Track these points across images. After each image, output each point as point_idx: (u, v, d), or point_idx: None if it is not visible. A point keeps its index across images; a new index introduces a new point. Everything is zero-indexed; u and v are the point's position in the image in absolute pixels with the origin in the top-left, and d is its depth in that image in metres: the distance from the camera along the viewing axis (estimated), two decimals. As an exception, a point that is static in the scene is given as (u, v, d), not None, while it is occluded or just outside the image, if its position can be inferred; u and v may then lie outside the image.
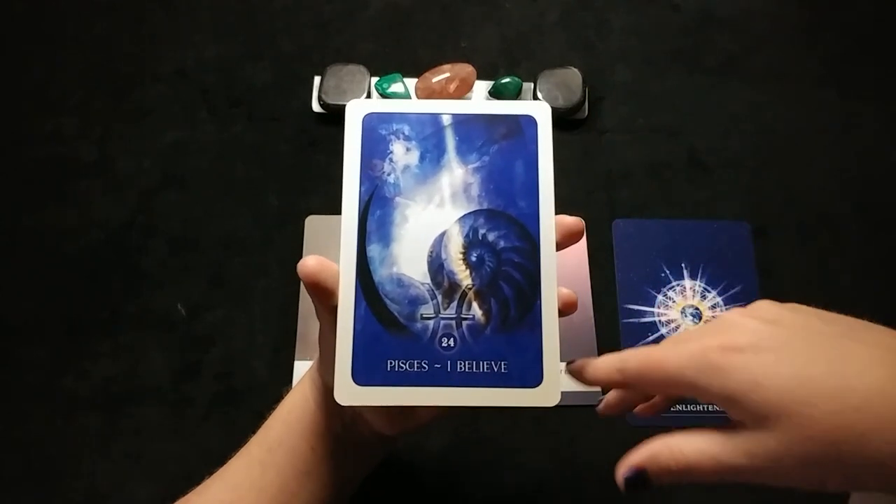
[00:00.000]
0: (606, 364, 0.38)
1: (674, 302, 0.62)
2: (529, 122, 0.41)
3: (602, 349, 0.60)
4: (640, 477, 0.36)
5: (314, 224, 0.64)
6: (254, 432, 0.46)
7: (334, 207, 0.65)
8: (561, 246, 0.40)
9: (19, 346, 0.60)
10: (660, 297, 0.62)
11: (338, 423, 0.44)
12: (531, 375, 0.38)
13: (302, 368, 0.59)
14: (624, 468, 0.36)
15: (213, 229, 0.64)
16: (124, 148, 0.67)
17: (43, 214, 0.64)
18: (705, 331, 0.36)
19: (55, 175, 0.66)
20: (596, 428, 0.57)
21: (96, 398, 0.58)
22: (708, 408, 0.58)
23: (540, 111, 0.41)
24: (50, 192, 0.65)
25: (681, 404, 0.58)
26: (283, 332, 0.60)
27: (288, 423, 0.45)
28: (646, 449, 0.36)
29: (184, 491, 0.45)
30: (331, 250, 0.64)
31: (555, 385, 0.38)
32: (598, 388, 0.58)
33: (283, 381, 0.58)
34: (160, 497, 0.46)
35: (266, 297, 0.62)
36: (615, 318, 0.62)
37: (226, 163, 0.67)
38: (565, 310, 0.40)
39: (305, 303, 0.61)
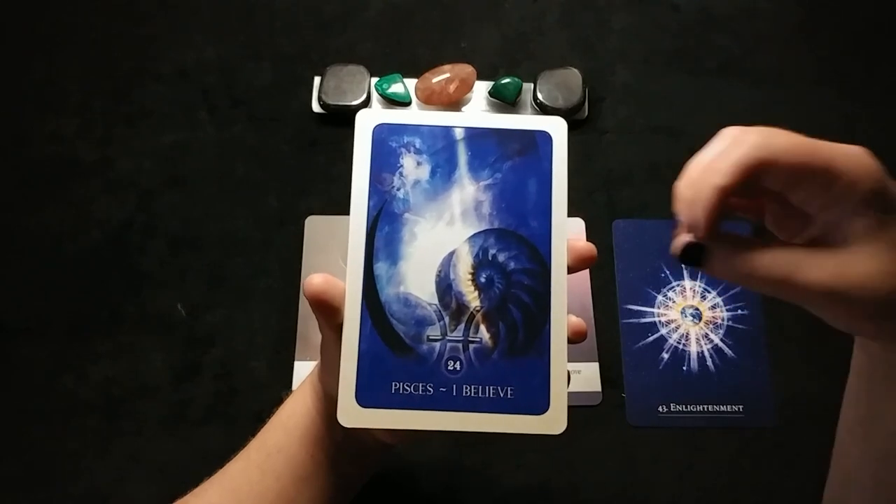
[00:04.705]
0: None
1: (674, 302, 0.62)
2: (544, 139, 0.40)
3: (602, 349, 0.60)
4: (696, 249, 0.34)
5: (314, 224, 0.64)
6: (253, 434, 0.46)
7: (334, 208, 0.66)
8: (571, 270, 0.39)
9: (19, 346, 0.60)
10: (660, 298, 0.62)
11: (338, 431, 0.44)
12: (537, 402, 0.37)
13: (302, 369, 0.59)
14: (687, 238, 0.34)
15: (213, 229, 0.64)
16: (124, 148, 0.67)
17: (43, 214, 0.64)
18: None
19: (55, 175, 0.66)
20: (596, 428, 0.57)
21: (96, 398, 0.58)
22: (707, 408, 0.58)
23: (555, 127, 0.40)
24: (50, 192, 0.65)
25: (680, 404, 0.58)
26: (283, 332, 0.60)
27: (287, 429, 0.45)
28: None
29: (183, 491, 0.45)
30: (331, 251, 0.65)
31: (561, 412, 0.37)
32: (598, 389, 0.58)
33: (283, 382, 0.58)
34: (160, 497, 0.46)
35: (266, 297, 0.62)
36: (615, 318, 0.62)
37: (226, 163, 0.67)
38: (574, 339, 0.39)
39: (305, 303, 0.61)
